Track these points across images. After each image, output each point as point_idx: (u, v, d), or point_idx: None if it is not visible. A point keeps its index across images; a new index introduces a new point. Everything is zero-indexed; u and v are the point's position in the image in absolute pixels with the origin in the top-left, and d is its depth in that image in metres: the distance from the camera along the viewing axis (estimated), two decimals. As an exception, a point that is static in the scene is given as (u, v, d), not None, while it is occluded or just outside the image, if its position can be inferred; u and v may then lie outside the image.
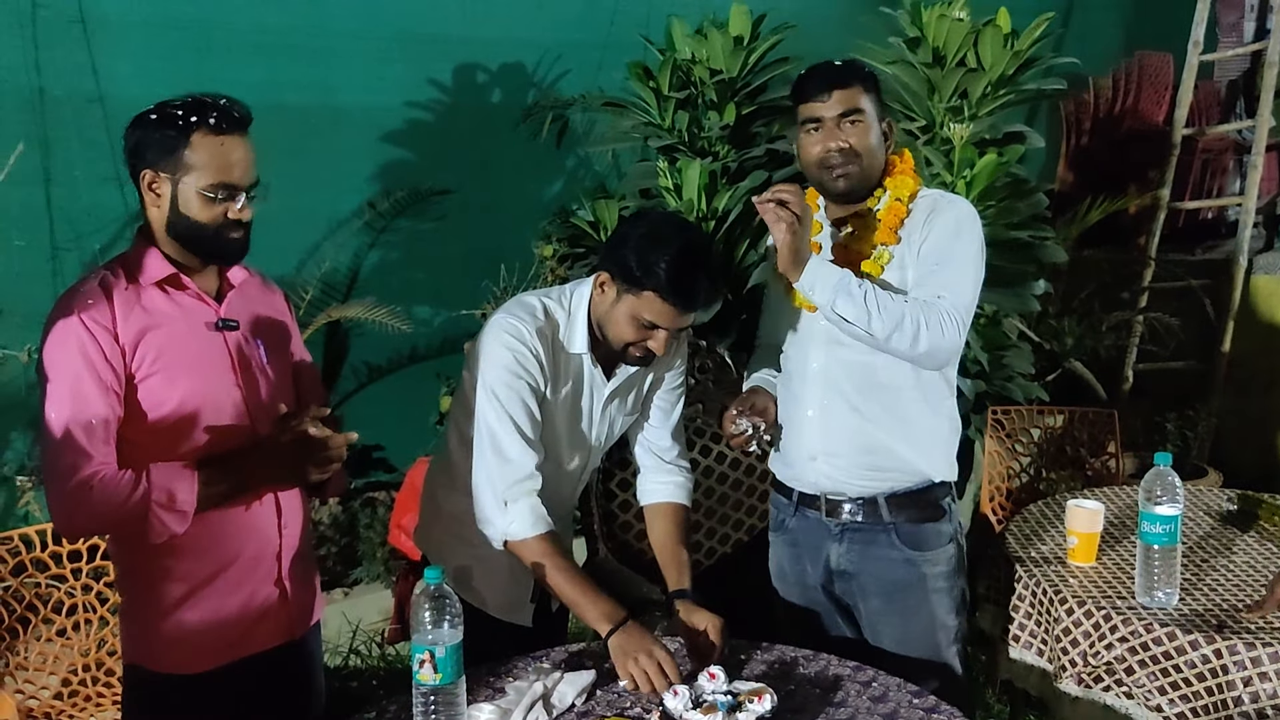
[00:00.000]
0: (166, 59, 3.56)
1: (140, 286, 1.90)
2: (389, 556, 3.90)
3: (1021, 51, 3.68)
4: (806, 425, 2.35)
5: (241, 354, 1.99)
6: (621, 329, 2.14)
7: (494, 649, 2.11)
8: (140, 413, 1.87)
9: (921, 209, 2.29)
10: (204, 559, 1.95)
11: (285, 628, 2.09)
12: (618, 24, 4.42)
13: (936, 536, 2.34)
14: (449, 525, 2.33)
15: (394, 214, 4.06)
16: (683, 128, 3.80)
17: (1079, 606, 2.37)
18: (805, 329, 2.35)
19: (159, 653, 1.98)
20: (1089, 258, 4.98)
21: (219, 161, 1.85)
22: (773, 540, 2.53)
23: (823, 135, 2.23)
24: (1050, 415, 4.01)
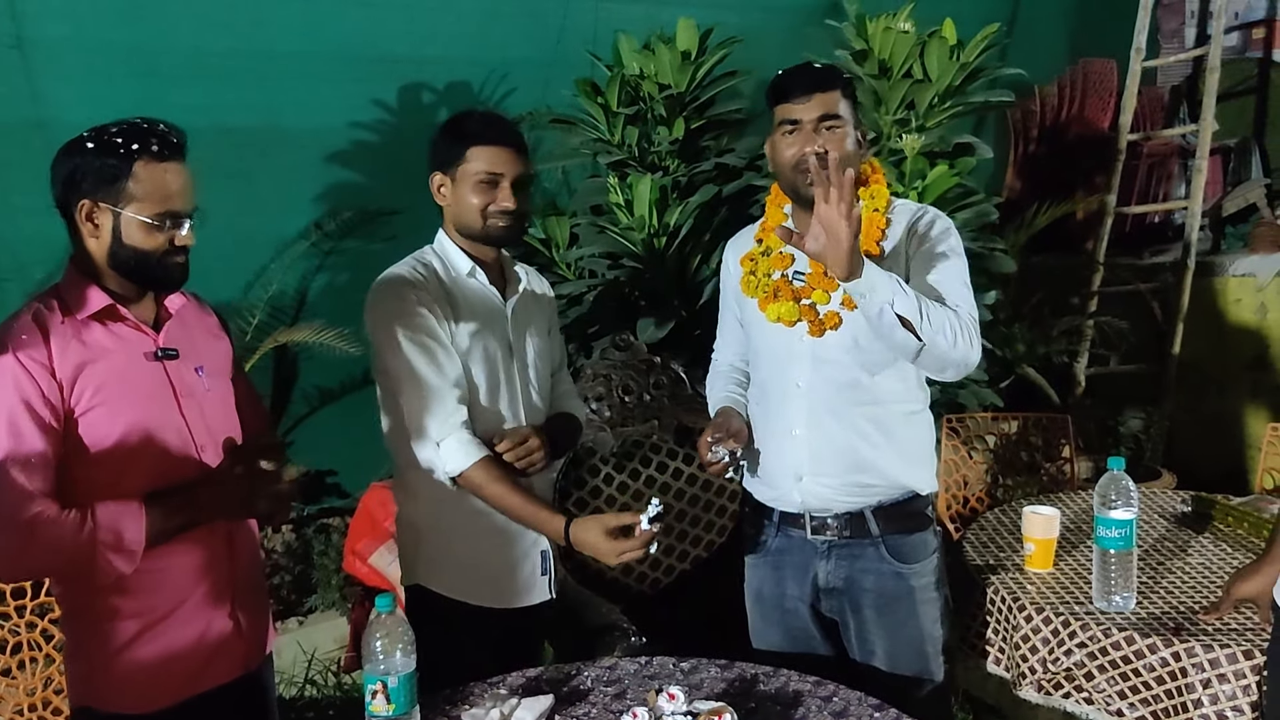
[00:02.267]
0: (108, 83, 3.49)
1: (76, 319, 1.84)
2: (344, 583, 3.84)
3: (968, 63, 3.71)
4: (793, 445, 2.29)
5: (183, 383, 1.95)
6: (469, 203, 2.25)
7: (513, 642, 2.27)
8: (83, 448, 1.81)
9: (900, 220, 2.26)
10: (155, 595, 1.89)
11: (240, 661, 2.03)
12: (564, 41, 4.39)
13: (923, 547, 2.31)
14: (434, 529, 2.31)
15: (341, 235, 4.01)
16: (632, 143, 3.80)
17: (1037, 613, 2.37)
18: (786, 348, 2.29)
19: (109, 693, 1.91)
20: (1038, 264, 5.02)
21: (163, 190, 1.82)
22: (751, 562, 2.45)
23: (800, 138, 2.19)
24: (1004, 421, 4.02)
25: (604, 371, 3.15)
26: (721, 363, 2.56)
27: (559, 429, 2.42)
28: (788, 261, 2.31)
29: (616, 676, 2.09)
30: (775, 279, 2.31)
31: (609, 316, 3.66)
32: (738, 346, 2.50)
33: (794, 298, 2.27)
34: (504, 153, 2.25)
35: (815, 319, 2.24)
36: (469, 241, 2.31)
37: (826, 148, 2.17)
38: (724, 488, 3.15)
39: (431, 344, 2.21)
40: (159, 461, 1.88)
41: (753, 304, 2.34)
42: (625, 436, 3.10)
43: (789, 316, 2.26)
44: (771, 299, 2.29)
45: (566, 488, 3.00)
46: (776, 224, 2.35)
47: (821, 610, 2.36)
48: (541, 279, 2.55)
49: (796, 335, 2.26)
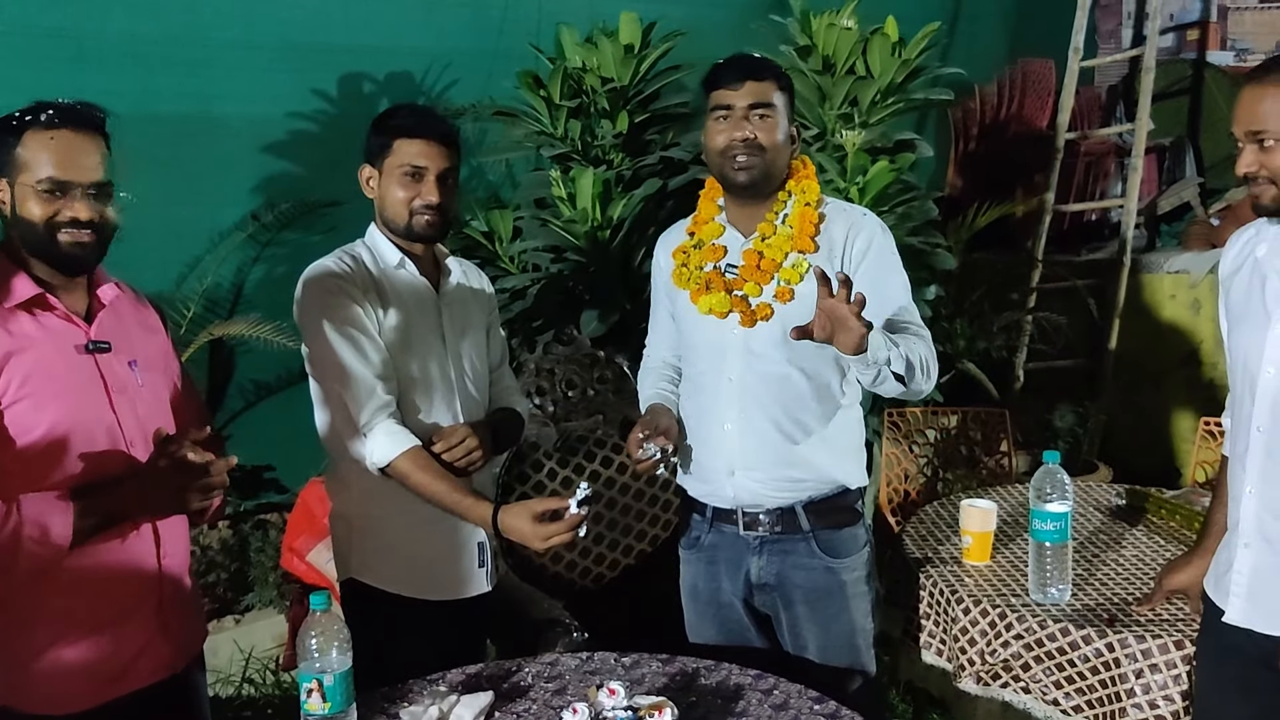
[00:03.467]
0: (35, 68, 3.39)
1: (3, 309, 1.80)
2: (281, 580, 3.78)
3: (909, 60, 3.74)
4: (724, 439, 2.29)
5: (115, 377, 1.90)
6: (395, 195, 2.24)
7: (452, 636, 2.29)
8: (7, 440, 1.76)
9: (837, 222, 2.27)
10: (79, 592, 1.84)
11: (166, 662, 1.98)
12: (507, 32, 4.36)
13: (853, 541, 2.32)
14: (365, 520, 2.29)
15: (279, 226, 3.94)
16: (575, 136, 3.78)
17: (975, 605, 2.40)
18: (718, 340, 2.29)
19: (31, 692, 1.85)
20: (979, 260, 5.07)
21: (50, 157, 1.79)
22: (686, 558, 2.46)
23: (729, 125, 2.20)
24: (945, 416, 4.07)
25: (547, 366, 3.13)
26: (653, 358, 2.55)
27: (500, 424, 2.41)
28: (720, 253, 2.31)
29: (557, 672, 2.08)
30: (707, 270, 2.31)
31: (552, 310, 3.63)
32: (669, 342, 2.50)
33: (726, 289, 2.27)
34: (429, 146, 2.23)
35: (747, 310, 2.25)
36: (397, 236, 2.29)
37: (756, 134, 2.19)
38: (668, 483, 3.13)
39: (358, 335, 2.19)
40: (87, 457, 1.83)
41: (684, 296, 2.34)
42: (569, 431, 3.08)
43: (720, 308, 2.26)
44: (703, 291, 2.29)
45: (509, 483, 2.97)
46: (710, 216, 2.37)
47: (755, 605, 2.37)
48: (480, 274, 2.53)
49: (728, 327, 2.27)
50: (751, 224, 2.31)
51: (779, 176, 2.28)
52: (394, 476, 2.19)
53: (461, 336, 2.36)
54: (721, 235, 2.34)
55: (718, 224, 2.34)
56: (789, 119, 2.26)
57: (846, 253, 2.25)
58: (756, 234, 2.29)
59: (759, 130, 2.20)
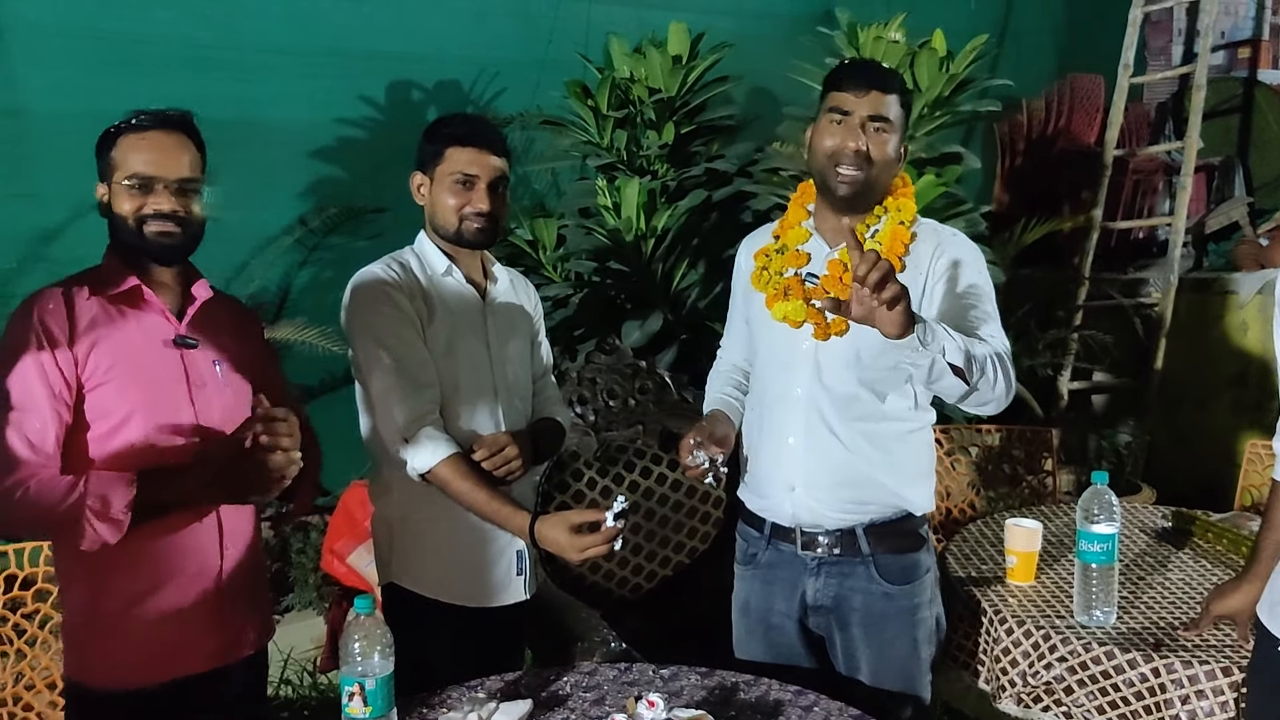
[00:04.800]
0: (88, 71, 3.45)
1: (102, 298, 1.91)
2: (321, 582, 3.80)
3: (957, 74, 3.71)
4: (786, 454, 2.24)
5: (198, 373, 1.98)
6: (445, 202, 2.25)
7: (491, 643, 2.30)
8: (87, 423, 1.87)
9: (927, 240, 2.21)
10: (141, 575, 1.91)
11: (222, 650, 2.03)
12: (556, 42, 4.39)
13: (914, 568, 2.26)
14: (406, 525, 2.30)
15: (326, 231, 3.98)
16: (621, 146, 3.79)
17: (1018, 626, 2.36)
18: (789, 350, 2.24)
19: (92, 668, 1.94)
20: (1025, 277, 5.02)
21: (137, 155, 1.90)
22: (740, 573, 2.41)
23: (844, 130, 2.13)
24: (988, 433, 4.02)
25: (589, 375, 3.12)
26: (724, 361, 2.52)
27: (542, 434, 2.41)
28: (803, 260, 2.25)
29: (596, 682, 2.07)
30: (787, 276, 2.25)
31: (594, 319, 3.64)
32: (742, 347, 2.45)
33: (803, 298, 2.20)
34: (481, 154, 2.24)
35: (822, 323, 2.18)
36: (446, 242, 2.30)
37: (869, 146, 2.13)
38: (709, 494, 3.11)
39: (403, 341, 2.20)
40: (162, 445, 1.91)
41: (760, 300, 2.29)
42: (609, 441, 3.06)
43: (795, 316, 2.20)
44: (780, 297, 2.23)
45: (549, 491, 2.95)
46: (798, 220, 2.32)
47: (809, 626, 2.33)
48: (527, 284, 2.53)
49: (801, 338, 2.21)
50: (839, 235, 2.22)
51: (880, 193, 2.22)
52: (434, 483, 2.20)
53: (506, 345, 2.37)
54: (806, 242, 2.28)
55: (804, 230, 2.29)
56: (902, 135, 2.19)
57: (929, 272, 2.18)
58: (844, 245, 2.20)
59: (872, 143, 2.13)
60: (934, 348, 1.92)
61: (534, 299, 2.53)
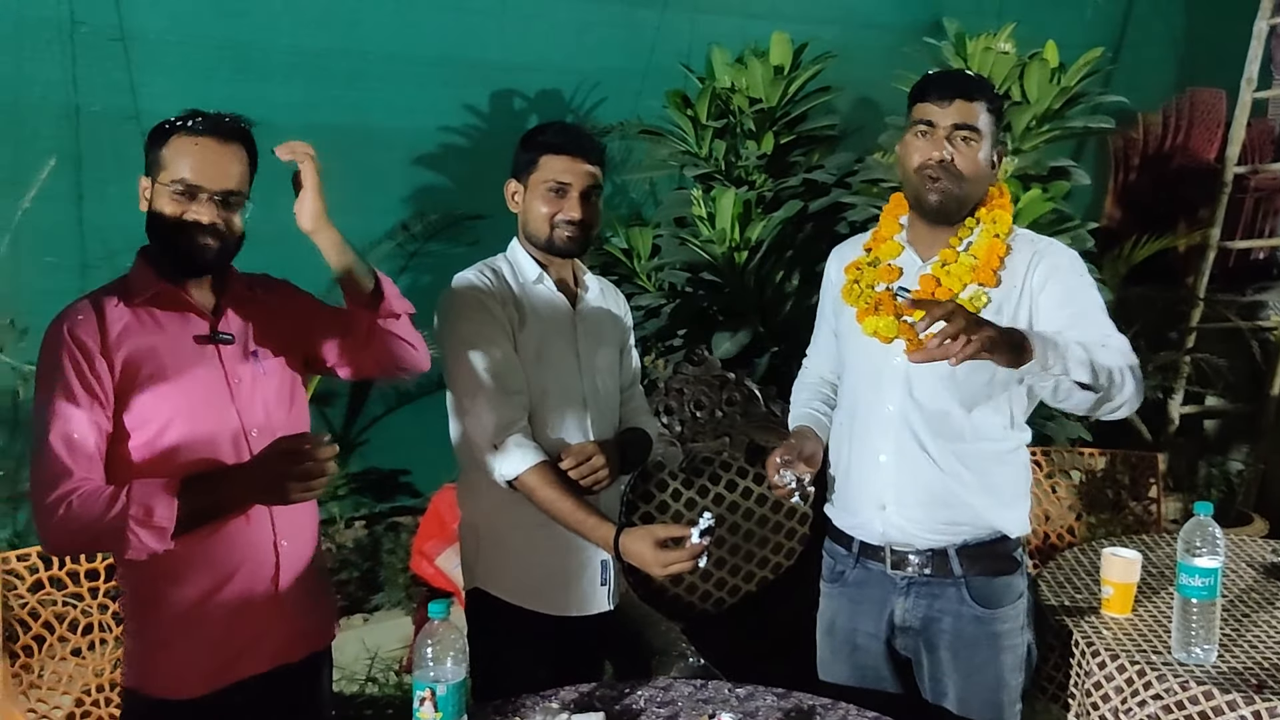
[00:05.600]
0: (204, 78, 3.57)
1: (133, 303, 1.89)
2: (410, 583, 3.86)
3: (1068, 87, 3.62)
4: (877, 472, 2.20)
5: (236, 368, 1.96)
6: (538, 210, 2.26)
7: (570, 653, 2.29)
8: (127, 431, 1.85)
9: (1022, 252, 2.14)
10: (196, 580, 1.91)
11: (282, 650, 2.03)
12: (658, 52, 4.40)
13: (1008, 591, 2.20)
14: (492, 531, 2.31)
15: (426, 237, 4.04)
16: (719, 156, 3.78)
17: (1112, 660, 2.28)
18: (880, 366, 2.19)
19: (151, 676, 1.94)
20: (1135, 296, 4.86)
21: (186, 160, 1.86)
22: (827, 591, 2.36)
23: (930, 142, 2.09)
24: (1092, 456, 3.90)
25: (676, 386, 3.11)
26: (810, 373, 2.49)
27: (629, 444, 2.40)
28: (895, 275, 2.21)
29: (670, 698, 2.05)
30: (879, 291, 2.21)
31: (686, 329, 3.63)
32: (829, 359, 2.42)
33: (895, 314, 2.16)
34: (575, 163, 2.24)
35: (914, 338, 2.11)
36: (538, 250, 2.31)
37: (956, 157, 2.08)
38: (794, 510, 3.09)
39: (494, 349, 2.21)
40: (206, 445, 1.90)
41: (850, 314, 2.25)
42: (695, 452, 3.06)
43: (886, 332, 2.15)
44: (871, 311, 2.19)
45: (634, 501, 2.97)
46: (890, 234, 2.28)
47: (896, 647, 2.27)
48: (618, 294, 2.53)
49: (892, 354, 2.16)
50: (933, 248, 2.19)
51: (972, 203, 2.16)
52: (521, 490, 2.20)
53: (595, 353, 2.37)
54: (899, 255, 2.24)
55: (896, 243, 2.25)
56: (993, 143, 2.14)
57: (1025, 285, 2.12)
58: (937, 259, 2.17)
59: (960, 154, 2.08)
60: (1056, 368, 1.87)
61: (624, 308, 2.52)
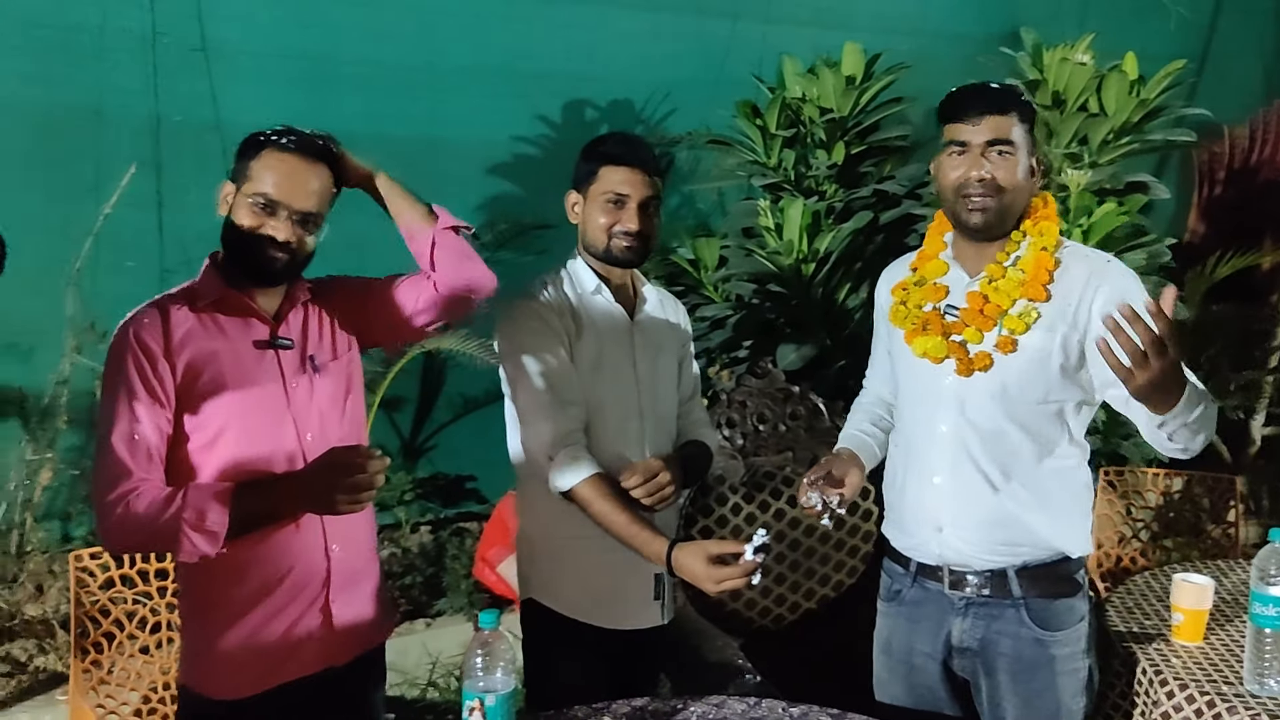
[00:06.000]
0: (282, 88, 3.65)
1: (198, 308, 1.92)
2: (473, 589, 3.88)
3: (1148, 99, 3.53)
4: (933, 493, 2.16)
5: (294, 373, 1.99)
6: (596, 221, 2.26)
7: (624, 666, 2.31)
8: (186, 434, 1.89)
9: (1075, 270, 2.09)
10: (246, 582, 1.94)
11: (331, 652, 2.04)
12: (730, 63, 4.38)
13: (1069, 614, 2.15)
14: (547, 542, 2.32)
15: (496, 246, 4.07)
16: (789, 166, 3.75)
17: (1180, 690, 2.21)
18: (931, 387, 2.16)
19: (203, 675, 1.97)
20: (1218, 313, 4.74)
21: (271, 175, 1.91)
22: (884, 610, 2.33)
23: (966, 161, 2.05)
24: (1169, 478, 3.80)
25: (739, 398, 3.09)
26: (868, 393, 2.46)
27: (689, 457, 2.39)
28: (941, 293, 2.18)
29: (722, 715, 2.03)
30: (926, 311, 2.18)
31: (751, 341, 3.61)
32: (886, 379, 2.39)
33: (944, 333, 2.13)
34: (633, 174, 2.24)
35: (964, 358, 2.10)
36: (597, 260, 2.31)
37: (994, 174, 2.04)
38: (857, 527, 3.05)
39: (551, 360, 2.21)
40: (261, 449, 1.93)
41: (900, 336, 2.22)
42: (756, 467, 3.03)
43: (936, 352, 2.13)
44: (920, 331, 2.16)
45: (693, 515, 2.95)
46: (935, 252, 2.25)
47: (953, 668, 2.23)
48: (678, 305, 2.52)
49: (943, 374, 2.13)
50: (979, 264, 2.16)
51: (1015, 217, 2.12)
52: (575, 502, 2.20)
53: (652, 365, 2.36)
54: (945, 274, 2.20)
55: (942, 261, 2.21)
56: (1030, 153, 2.09)
57: (1083, 304, 2.06)
58: (984, 275, 2.13)
59: (998, 169, 2.04)
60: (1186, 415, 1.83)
61: (684, 318, 2.51)
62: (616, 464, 2.24)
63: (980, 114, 2.04)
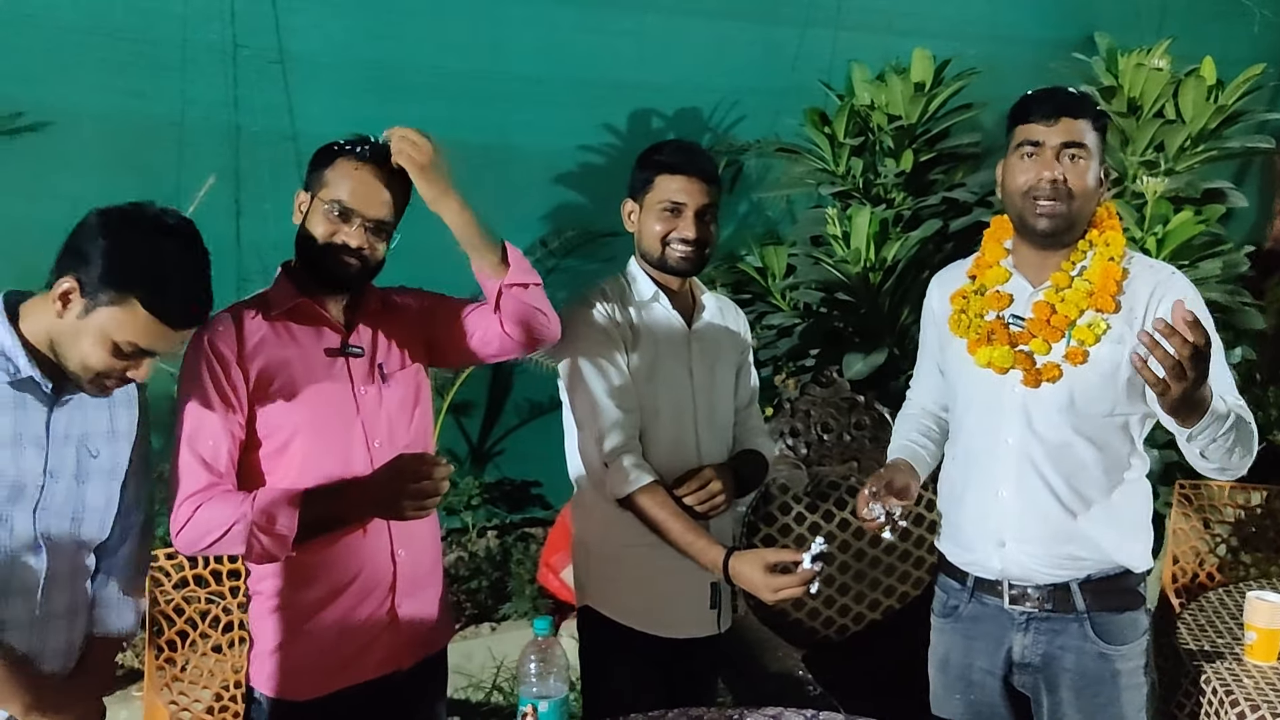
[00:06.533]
0: (355, 98, 3.71)
1: (270, 316, 1.97)
2: (538, 594, 3.91)
3: (1226, 105, 3.46)
4: (996, 507, 2.13)
5: (364, 380, 2.02)
6: (652, 229, 2.26)
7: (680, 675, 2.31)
8: (258, 439, 1.94)
9: (1141, 280, 2.07)
10: (315, 585, 1.98)
11: (395, 656, 2.07)
12: (799, 70, 4.36)
13: (1132, 628, 2.11)
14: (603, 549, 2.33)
15: (563, 254, 4.11)
16: (857, 174, 3.73)
17: (1252, 711, 2.16)
18: (995, 398, 2.13)
19: (271, 677, 2.01)
20: (1300, 323, 4.61)
21: (346, 184, 1.95)
22: (939, 626, 2.31)
23: (1038, 163, 2.03)
24: (1249, 492, 3.70)
25: (803, 408, 3.08)
26: (914, 404, 2.44)
27: (744, 466, 2.38)
28: (1005, 302, 2.15)
29: (778, 726, 2.03)
30: (989, 320, 2.15)
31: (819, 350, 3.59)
32: (933, 390, 2.37)
33: (1009, 343, 2.10)
34: (690, 183, 2.24)
35: (1031, 368, 2.07)
36: (653, 269, 2.32)
37: (1066, 176, 2.02)
38: (923, 538, 3.02)
39: (608, 367, 2.23)
40: (331, 455, 1.96)
41: (960, 346, 2.19)
42: (820, 476, 3.02)
43: (1001, 363, 2.09)
44: (984, 342, 2.13)
45: (755, 523, 2.95)
46: (995, 259, 2.21)
47: (1014, 684, 2.20)
48: (738, 312, 2.52)
49: (1008, 385, 2.10)
50: (1043, 273, 2.13)
51: (1083, 225, 2.10)
52: (631, 509, 2.21)
53: (710, 373, 2.36)
54: (1007, 282, 2.17)
55: (1003, 269, 2.18)
56: (1101, 161, 2.07)
57: (1150, 317, 2.02)
58: (1050, 285, 2.10)
59: (1069, 173, 2.02)
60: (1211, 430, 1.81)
61: (743, 326, 2.51)
62: (672, 472, 2.25)
63: (1056, 115, 2.03)
